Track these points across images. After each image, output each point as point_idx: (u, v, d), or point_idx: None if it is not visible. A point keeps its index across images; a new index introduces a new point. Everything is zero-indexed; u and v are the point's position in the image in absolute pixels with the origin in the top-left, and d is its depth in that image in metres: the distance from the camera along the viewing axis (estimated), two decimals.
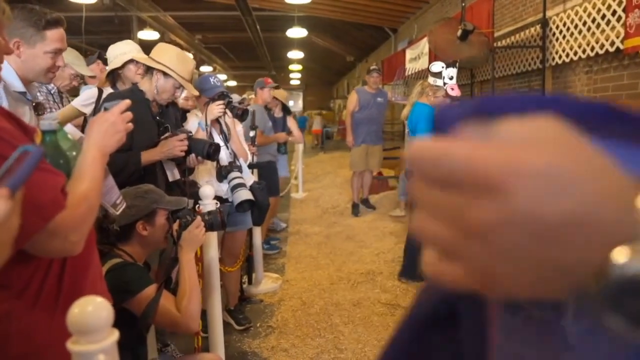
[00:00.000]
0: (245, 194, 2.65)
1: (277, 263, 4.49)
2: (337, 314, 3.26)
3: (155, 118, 2.37)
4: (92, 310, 0.85)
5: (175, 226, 1.88)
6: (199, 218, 1.90)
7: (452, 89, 3.45)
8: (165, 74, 2.32)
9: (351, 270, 4.19)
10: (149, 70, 2.38)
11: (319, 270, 4.24)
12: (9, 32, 1.74)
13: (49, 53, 1.78)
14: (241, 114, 3.00)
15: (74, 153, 1.15)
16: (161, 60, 2.33)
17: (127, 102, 1.27)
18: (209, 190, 2.29)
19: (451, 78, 3.44)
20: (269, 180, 4.51)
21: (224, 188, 2.77)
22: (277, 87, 4.75)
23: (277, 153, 4.87)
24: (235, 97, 5.93)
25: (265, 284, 3.85)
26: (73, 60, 3.04)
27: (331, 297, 3.58)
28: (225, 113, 2.85)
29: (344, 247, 4.89)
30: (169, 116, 2.48)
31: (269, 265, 4.36)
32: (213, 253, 2.26)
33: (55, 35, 1.78)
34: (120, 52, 2.79)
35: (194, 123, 2.82)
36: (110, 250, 1.79)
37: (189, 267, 1.79)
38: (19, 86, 1.79)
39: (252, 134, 3.70)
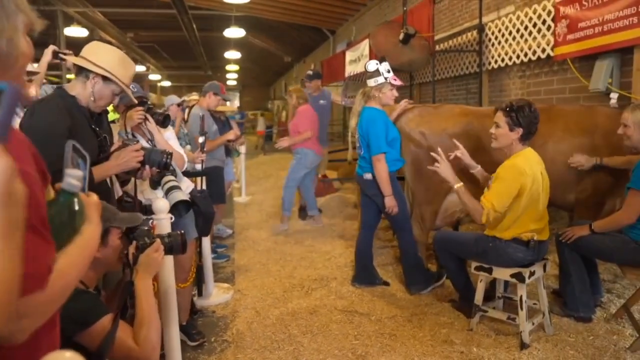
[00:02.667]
0: (179, 195, 2.43)
1: (226, 272, 4.35)
2: (294, 324, 3.19)
3: (92, 127, 2.12)
4: None
5: (132, 249, 1.73)
6: (158, 241, 1.76)
7: (395, 79, 3.49)
8: (105, 78, 2.07)
9: (303, 276, 4.13)
10: (81, 72, 2.08)
11: (270, 277, 4.14)
12: None
13: None
14: (162, 120, 2.85)
15: (79, 222, 1.03)
16: (100, 62, 2.06)
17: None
18: (163, 204, 2.15)
19: (388, 71, 3.48)
20: (216, 187, 4.35)
21: (159, 196, 2.58)
22: (227, 100, 4.67)
23: (225, 157, 4.71)
24: (174, 99, 5.72)
25: (217, 295, 3.71)
26: None
27: (286, 305, 3.51)
28: (146, 119, 2.67)
29: (293, 252, 4.82)
30: (103, 124, 2.23)
31: (218, 275, 4.21)
32: (169, 273, 2.13)
33: None
34: None
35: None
36: None
37: (146, 293, 1.67)
38: None
39: (201, 140, 3.53)
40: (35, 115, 1.95)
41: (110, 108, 2.75)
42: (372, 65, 3.49)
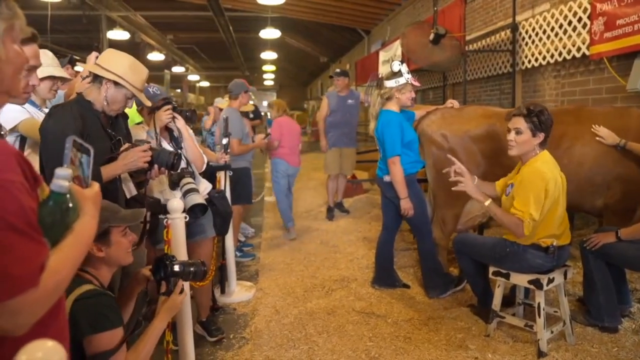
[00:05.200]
0: (196, 198, 2.47)
1: (250, 270, 4.43)
2: (311, 324, 3.22)
3: (106, 130, 2.22)
4: (42, 357, 0.80)
5: (162, 288, 1.88)
6: (180, 282, 1.88)
7: (414, 80, 3.47)
8: (116, 83, 2.17)
9: (325, 276, 4.16)
10: (96, 78, 2.20)
11: (292, 277, 4.19)
12: None
13: (23, 71, 1.65)
14: (190, 115, 2.93)
15: (73, 219, 1.07)
16: (112, 68, 2.17)
17: None
18: (177, 204, 2.22)
19: (408, 72, 3.47)
20: (243, 187, 4.44)
21: (177, 196, 2.65)
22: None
23: (252, 159, 4.80)
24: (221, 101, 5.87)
25: (239, 293, 3.78)
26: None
27: (305, 305, 3.54)
28: (174, 118, 2.75)
29: (317, 253, 4.86)
30: (120, 127, 2.33)
31: (243, 273, 4.30)
32: None
33: (29, 52, 1.65)
34: None
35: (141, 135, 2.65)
36: (77, 273, 1.70)
37: (156, 333, 1.77)
38: None
39: (224, 141, 3.60)
40: (50, 119, 2.09)
41: (134, 111, 2.86)
42: (396, 65, 3.48)
